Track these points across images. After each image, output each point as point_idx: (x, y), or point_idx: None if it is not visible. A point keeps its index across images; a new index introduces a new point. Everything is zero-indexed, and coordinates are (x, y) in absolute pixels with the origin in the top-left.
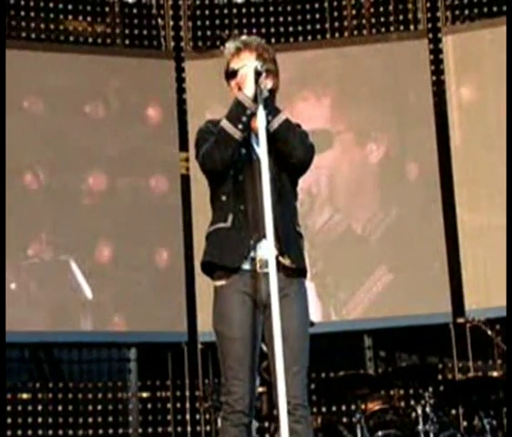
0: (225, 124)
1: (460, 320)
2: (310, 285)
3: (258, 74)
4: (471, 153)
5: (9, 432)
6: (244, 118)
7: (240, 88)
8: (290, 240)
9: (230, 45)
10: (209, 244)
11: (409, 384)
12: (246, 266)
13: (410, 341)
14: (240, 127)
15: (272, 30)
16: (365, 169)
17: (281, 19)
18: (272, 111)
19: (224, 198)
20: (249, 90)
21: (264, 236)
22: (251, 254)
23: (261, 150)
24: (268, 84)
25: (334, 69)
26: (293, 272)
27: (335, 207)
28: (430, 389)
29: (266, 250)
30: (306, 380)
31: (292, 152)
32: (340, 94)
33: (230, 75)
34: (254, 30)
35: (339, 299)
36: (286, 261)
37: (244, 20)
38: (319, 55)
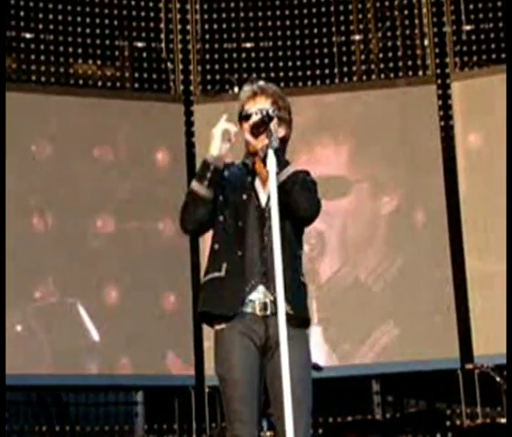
0: (192, 183)
1: (469, 366)
2: (317, 329)
3: (270, 118)
4: (480, 199)
5: None
6: (208, 174)
7: (251, 132)
8: (292, 289)
9: (247, 89)
10: (205, 293)
11: (417, 430)
12: (245, 309)
13: (418, 387)
14: (206, 183)
15: (281, 74)
16: (377, 219)
17: (290, 64)
18: (281, 162)
19: (217, 246)
20: (214, 149)
21: (261, 281)
22: (250, 297)
23: (272, 195)
24: (280, 132)
25: (343, 114)
26: (295, 320)
27: (346, 256)
28: (438, 435)
29: (264, 294)
30: (310, 423)
31: (298, 206)
32: (348, 138)
33: (244, 117)
34: (263, 74)
35: (347, 345)
36: (287, 308)
37: (253, 64)
38: (328, 99)
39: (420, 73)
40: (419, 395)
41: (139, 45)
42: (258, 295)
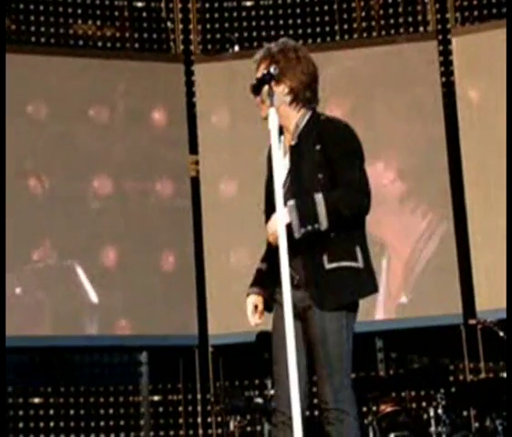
0: None
1: (471, 322)
2: None
3: (270, 76)
4: (481, 154)
5: None
6: None
7: (252, 91)
8: (312, 279)
9: (253, 59)
10: None
11: (421, 386)
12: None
13: (421, 343)
14: None
15: (282, 32)
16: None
17: (291, 22)
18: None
19: None
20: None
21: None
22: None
23: (274, 158)
24: (284, 85)
25: (344, 72)
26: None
27: None
28: (441, 390)
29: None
30: (340, 384)
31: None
32: (350, 96)
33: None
34: (263, 33)
35: None
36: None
37: (253, 23)
38: (328, 57)
39: (421, 29)
40: (422, 351)
41: (139, 4)
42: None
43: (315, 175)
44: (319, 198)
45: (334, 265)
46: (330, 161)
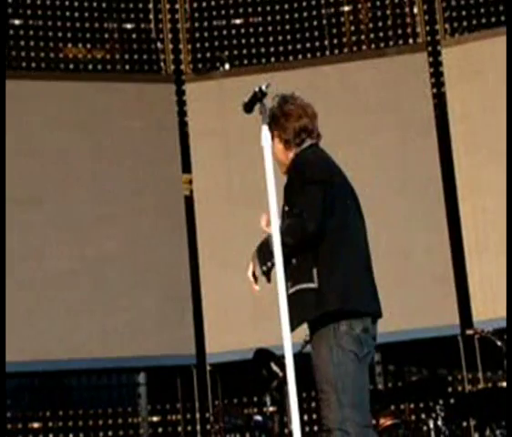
0: None
1: (469, 332)
2: None
3: (262, 94)
4: (474, 165)
5: None
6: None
7: (244, 109)
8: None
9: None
10: None
11: (419, 398)
12: None
13: (419, 355)
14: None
15: (271, 49)
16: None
17: (280, 38)
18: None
19: None
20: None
21: None
22: None
23: (267, 173)
24: (279, 142)
25: (335, 86)
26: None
27: None
28: (440, 402)
29: None
30: (336, 403)
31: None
32: (341, 110)
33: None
34: (253, 50)
35: None
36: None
37: (243, 40)
38: (319, 72)
39: (410, 41)
40: (420, 363)
41: (128, 26)
42: None
43: (283, 209)
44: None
45: (294, 289)
46: (291, 195)
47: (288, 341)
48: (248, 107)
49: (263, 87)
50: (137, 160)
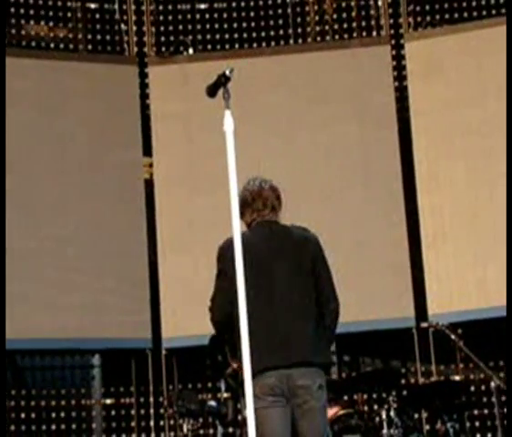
0: None
1: (423, 325)
2: None
3: (226, 79)
4: (434, 158)
5: None
6: None
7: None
8: None
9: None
10: None
11: (373, 389)
12: None
13: (373, 346)
14: None
15: (236, 36)
16: (327, 170)
17: (245, 25)
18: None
19: None
20: None
21: None
22: None
23: (229, 162)
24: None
25: (297, 74)
26: None
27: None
28: (393, 393)
29: None
30: None
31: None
32: (303, 99)
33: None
34: (217, 36)
35: None
36: None
37: (208, 25)
38: (283, 60)
39: (374, 33)
40: (374, 354)
41: (92, 6)
42: None
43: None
44: None
45: None
46: None
47: (244, 327)
48: (211, 91)
49: (227, 72)
50: (97, 141)
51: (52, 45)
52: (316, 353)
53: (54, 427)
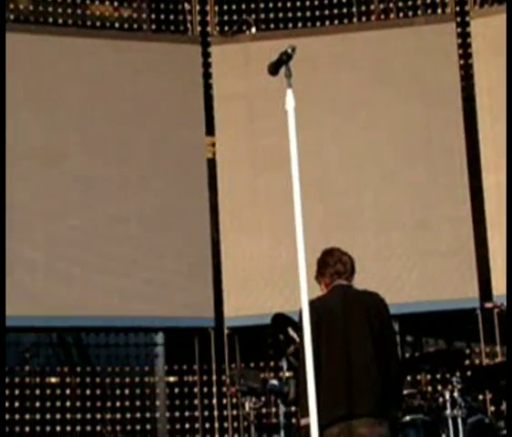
0: None
1: (488, 305)
2: None
3: (288, 56)
4: (499, 138)
5: (38, 416)
6: None
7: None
8: None
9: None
10: None
11: (436, 369)
12: None
13: (437, 327)
14: None
15: (299, 14)
16: (389, 149)
17: (308, 3)
18: None
19: None
20: None
21: None
22: None
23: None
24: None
25: (361, 53)
26: None
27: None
28: (457, 374)
29: None
30: None
31: None
32: (366, 78)
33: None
34: (280, 14)
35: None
36: None
37: (270, 4)
38: (345, 39)
39: (439, 11)
40: (438, 335)
41: None
42: None
43: None
44: None
45: None
46: None
47: (306, 307)
48: (273, 69)
49: (289, 50)
50: (160, 121)
51: (116, 25)
52: (380, 407)
53: (118, 404)
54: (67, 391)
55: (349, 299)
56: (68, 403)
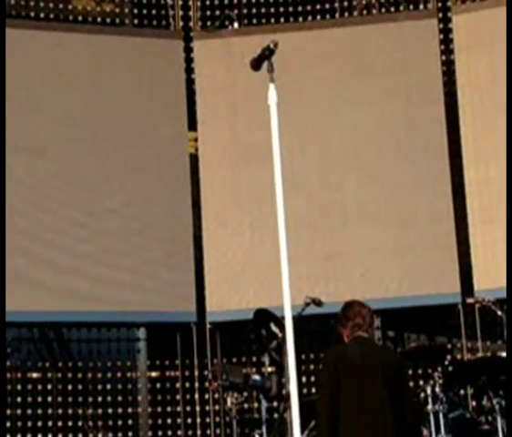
0: None
1: (469, 301)
2: (323, 264)
3: (270, 52)
4: (481, 134)
5: (19, 411)
6: None
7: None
8: None
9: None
10: None
11: (418, 364)
12: None
13: (419, 322)
14: None
15: (281, 10)
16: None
17: None
18: None
19: None
20: None
21: None
22: None
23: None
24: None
25: (343, 48)
26: None
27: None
28: (439, 369)
29: None
30: None
31: None
32: (348, 73)
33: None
34: (263, 9)
35: (347, 280)
36: None
37: (253, 0)
38: (328, 34)
39: (421, 7)
40: (420, 330)
41: None
42: None
43: None
44: None
45: None
46: None
47: (288, 303)
48: (256, 65)
49: (271, 45)
50: (143, 116)
51: (98, 20)
52: None
53: (100, 399)
54: (49, 387)
55: (367, 352)
56: (50, 398)
